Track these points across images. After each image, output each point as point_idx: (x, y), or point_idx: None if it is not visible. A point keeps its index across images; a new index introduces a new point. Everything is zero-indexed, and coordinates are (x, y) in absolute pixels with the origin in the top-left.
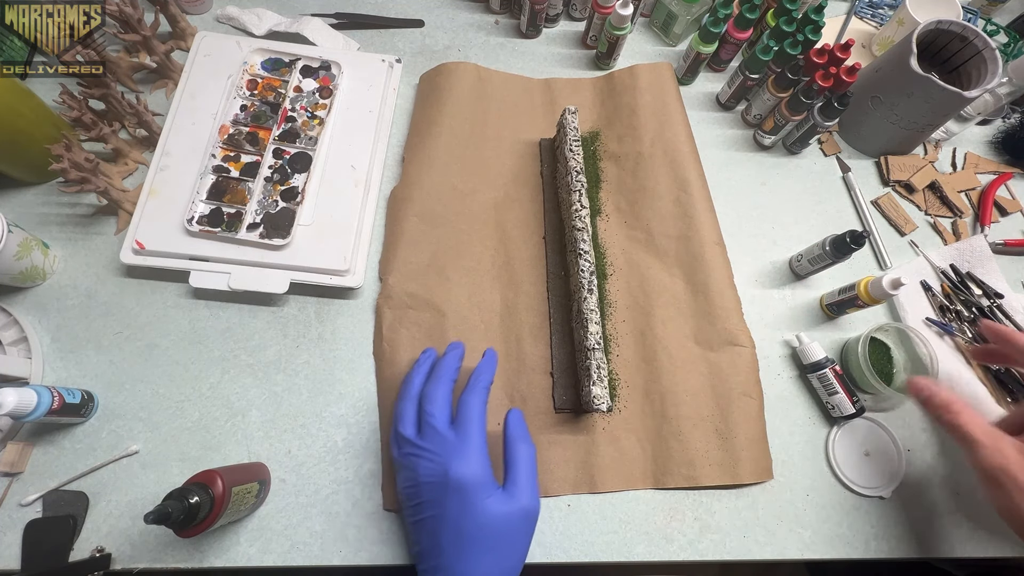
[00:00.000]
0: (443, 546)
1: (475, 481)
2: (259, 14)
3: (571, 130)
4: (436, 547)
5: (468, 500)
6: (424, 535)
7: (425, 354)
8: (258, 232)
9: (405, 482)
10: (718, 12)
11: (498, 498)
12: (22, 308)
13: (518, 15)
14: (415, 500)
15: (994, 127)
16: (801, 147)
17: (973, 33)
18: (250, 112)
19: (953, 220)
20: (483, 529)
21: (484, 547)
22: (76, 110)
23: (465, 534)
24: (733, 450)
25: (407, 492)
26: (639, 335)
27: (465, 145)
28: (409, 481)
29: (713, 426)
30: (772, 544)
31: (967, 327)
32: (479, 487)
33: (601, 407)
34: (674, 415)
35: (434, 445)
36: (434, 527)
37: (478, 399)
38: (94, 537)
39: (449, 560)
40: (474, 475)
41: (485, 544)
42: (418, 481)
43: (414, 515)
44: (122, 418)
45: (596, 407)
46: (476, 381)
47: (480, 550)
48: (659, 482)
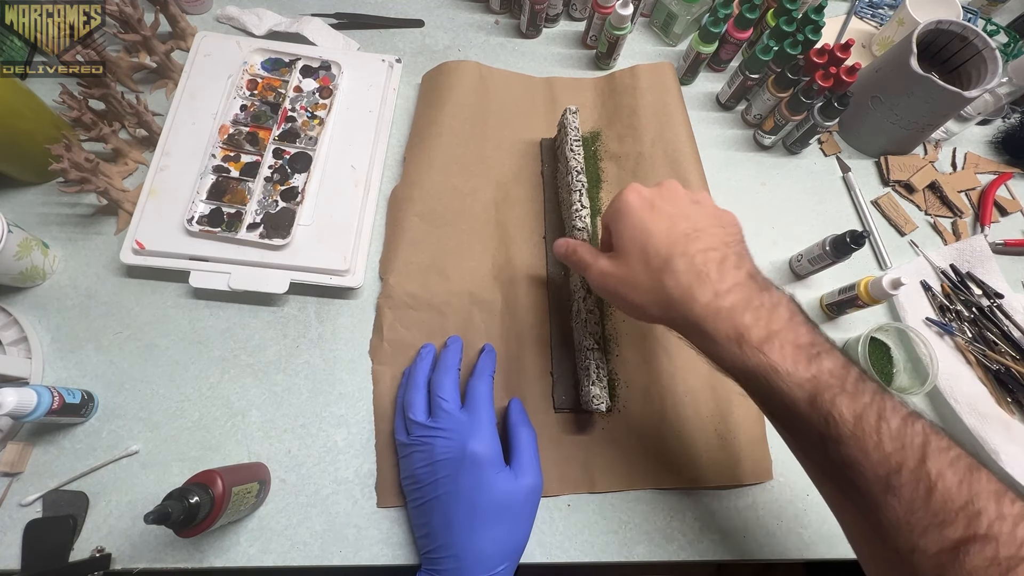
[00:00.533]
0: (454, 522)
1: (489, 456)
2: (259, 14)
3: (571, 130)
4: (447, 524)
5: (482, 474)
6: (435, 514)
7: (425, 348)
8: (258, 232)
9: (419, 463)
10: (718, 12)
11: (507, 475)
12: (22, 308)
13: (518, 15)
14: (430, 479)
15: (994, 127)
16: (801, 147)
17: (973, 33)
18: (250, 112)
19: (953, 220)
20: (494, 503)
21: (494, 521)
22: (76, 110)
23: (477, 508)
24: (733, 451)
25: (421, 473)
26: (639, 335)
27: (466, 145)
28: (423, 462)
29: (713, 427)
30: (772, 544)
31: (967, 327)
32: (492, 462)
33: (600, 407)
34: (674, 416)
35: (449, 425)
36: (447, 503)
37: (485, 385)
38: (94, 537)
39: (459, 536)
40: (488, 450)
41: (495, 518)
42: (434, 460)
43: (427, 495)
44: (122, 418)
45: (595, 407)
46: (482, 370)
47: (490, 523)
48: (659, 482)
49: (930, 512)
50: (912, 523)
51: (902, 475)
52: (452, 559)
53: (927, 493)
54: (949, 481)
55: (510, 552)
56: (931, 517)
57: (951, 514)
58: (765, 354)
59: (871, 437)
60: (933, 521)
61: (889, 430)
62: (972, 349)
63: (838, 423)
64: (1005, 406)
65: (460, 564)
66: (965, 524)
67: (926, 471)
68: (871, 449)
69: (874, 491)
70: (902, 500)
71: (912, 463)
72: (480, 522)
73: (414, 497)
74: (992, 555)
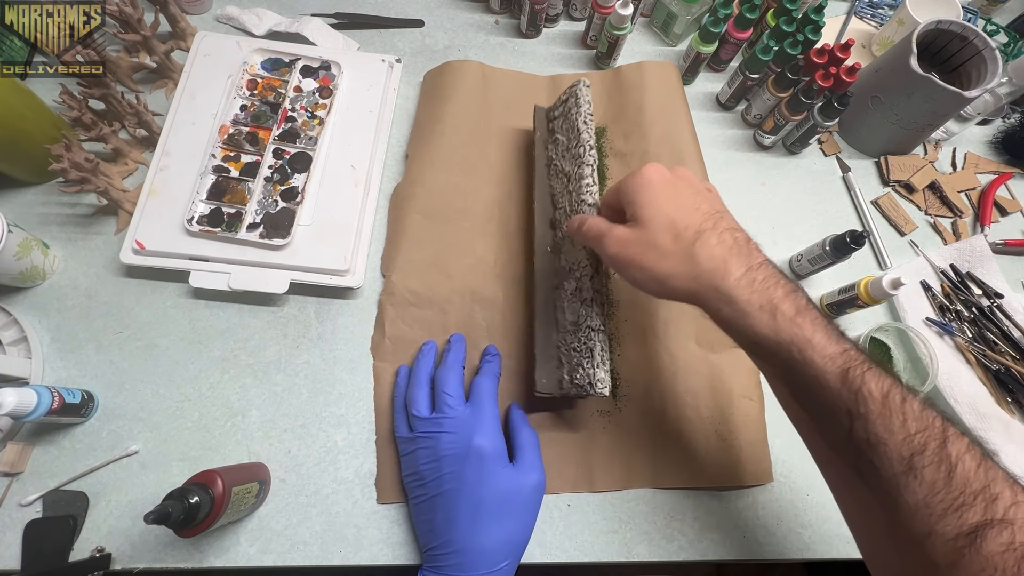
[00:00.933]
0: (458, 518)
1: (494, 451)
2: (259, 14)
3: (584, 103)
4: (450, 520)
5: (487, 469)
6: (439, 510)
7: (427, 345)
8: (258, 232)
9: (423, 459)
10: (718, 12)
11: (512, 470)
12: (22, 308)
13: (518, 15)
14: (434, 475)
15: (994, 127)
16: (801, 147)
17: (973, 33)
18: (250, 112)
19: (953, 220)
20: (498, 498)
21: (498, 516)
22: (76, 110)
23: (482, 503)
24: (733, 452)
25: (425, 469)
26: (640, 334)
27: (468, 143)
28: (427, 458)
29: (713, 428)
30: (772, 544)
31: (967, 327)
32: (496, 457)
33: (603, 392)
34: (674, 416)
35: (454, 421)
36: (451, 499)
37: (489, 382)
38: (94, 537)
39: (462, 531)
40: (492, 445)
41: (499, 513)
42: (439, 455)
43: (431, 491)
44: (122, 418)
45: (599, 391)
46: (488, 369)
47: (494, 519)
48: (658, 482)
49: (950, 495)
50: (931, 505)
51: (925, 456)
52: (454, 555)
53: (948, 475)
54: (968, 465)
55: (513, 548)
56: (951, 500)
57: (970, 497)
58: (799, 326)
59: (897, 416)
60: (952, 504)
61: (913, 411)
62: (972, 349)
63: (867, 399)
64: (1005, 406)
65: (462, 560)
66: (983, 508)
67: (947, 453)
68: (896, 428)
69: (896, 472)
70: (924, 482)
71: (934, 444)
72: (484, 517)
73: (417, 494)
74: (1009, 540)
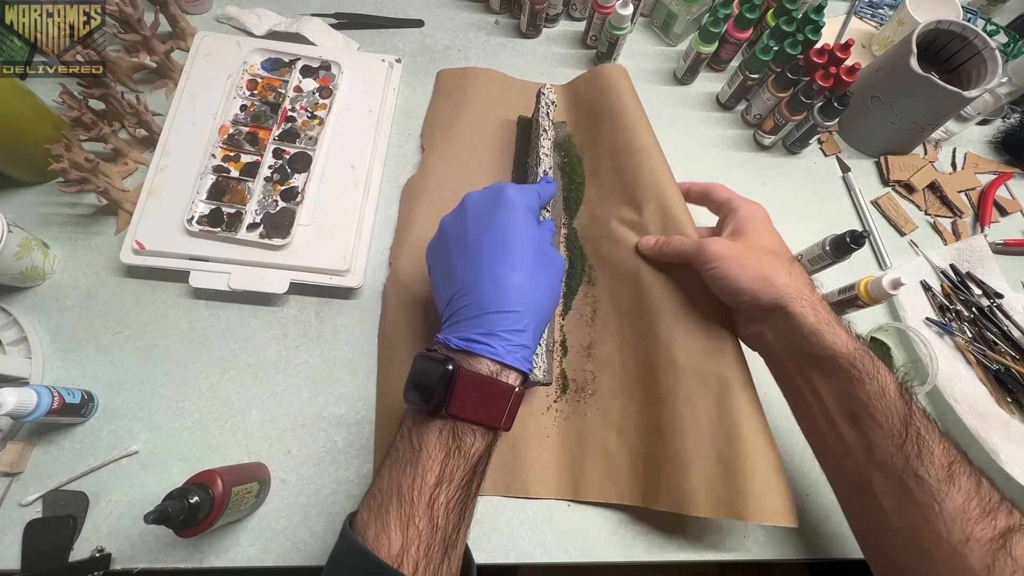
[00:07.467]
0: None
1: (526, 203)
2: (259, 14)
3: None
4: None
5: (516, 215)
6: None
7: None
8: (258, 232)
9: (452, 214)
10: (718, 12)
11: (543, 227)
12: (22, 308)
13: (518, 15)
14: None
15: (994, 127)
16: (801, 147)
17: (973, 33)
18: (250, 112)
19: (953, 220)
20: (524, 243)
21: (521, 260)
22: (76, 110)
23: (507, 246)
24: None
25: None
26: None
27: (484, 144)
28: (458, 211)
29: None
30: (772, 544)
31: (967, 327)
32: (528, 209)
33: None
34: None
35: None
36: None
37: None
38: (94, 537)
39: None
40: (525, 199)
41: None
42: (467, 207)
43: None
44: (122, 418)
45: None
46: None
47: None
48: (647, 501)
49: (982, 501)
50: (968, 511)
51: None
52: (471, 295)
53: (977, 483)
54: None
55: (532, 303)
56: (983, 506)
57: (994, 504)
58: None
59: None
60: (984, 510)
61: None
62: (972, 349)
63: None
64: (1005, 406)
65: (478, 299)
66: (1006, 514)
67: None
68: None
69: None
70: (961, 489)
71: (962, 455)
72: (505, 259)
73: (441, 252)
74: None
